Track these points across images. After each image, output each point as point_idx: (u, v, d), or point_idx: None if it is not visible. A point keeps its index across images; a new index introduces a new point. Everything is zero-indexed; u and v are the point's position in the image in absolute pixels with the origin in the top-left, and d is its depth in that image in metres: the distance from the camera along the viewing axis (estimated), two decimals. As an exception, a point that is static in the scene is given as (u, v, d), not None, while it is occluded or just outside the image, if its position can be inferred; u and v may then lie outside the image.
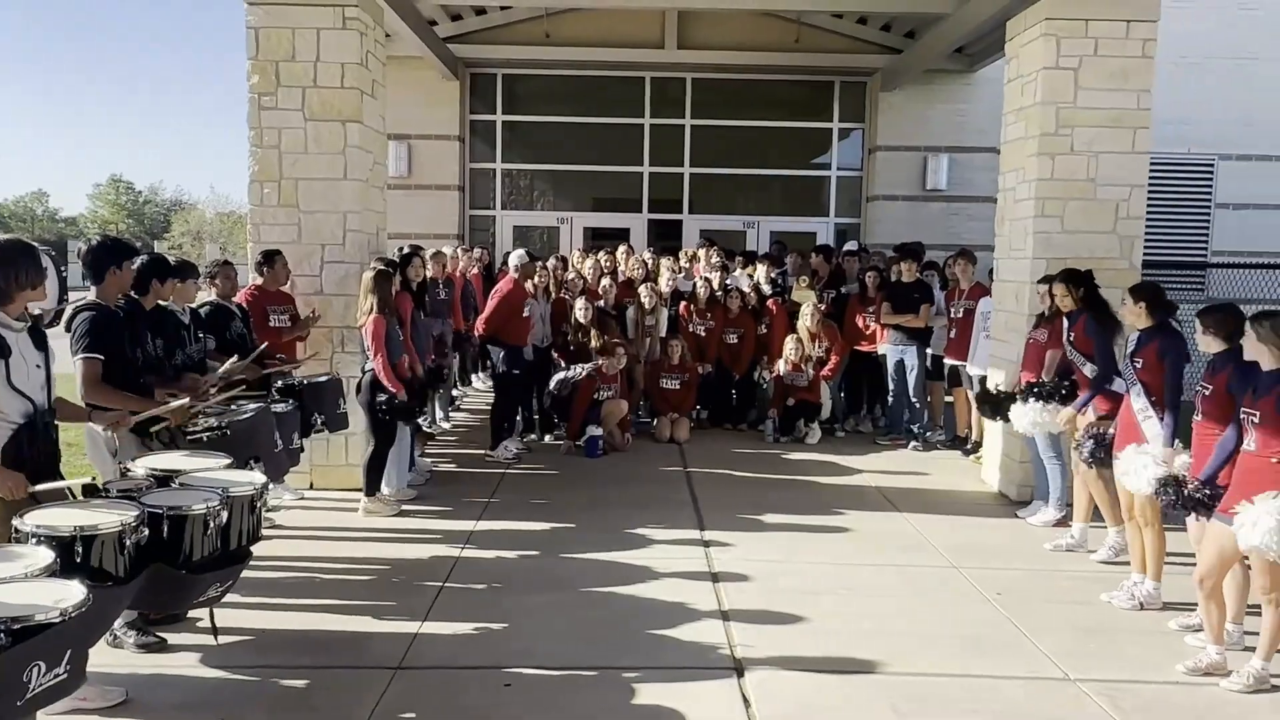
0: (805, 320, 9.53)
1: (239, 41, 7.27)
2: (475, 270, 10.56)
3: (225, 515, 3.98)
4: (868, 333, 9.70)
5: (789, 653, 4.56)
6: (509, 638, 4.70)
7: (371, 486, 6.76)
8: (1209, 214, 12.78)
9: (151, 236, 59.48)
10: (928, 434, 9.38)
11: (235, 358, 5.59)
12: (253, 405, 5.39)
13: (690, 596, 5.25)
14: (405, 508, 6.90)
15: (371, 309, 6.55)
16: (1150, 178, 7.38)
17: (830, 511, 7.03)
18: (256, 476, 4.41)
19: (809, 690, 4.23)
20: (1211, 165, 12.72)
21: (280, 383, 6.44)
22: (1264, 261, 9.35)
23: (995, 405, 7.14)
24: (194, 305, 5.87)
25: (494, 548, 6.07)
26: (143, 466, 4.31)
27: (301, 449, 6.30)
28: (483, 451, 8.61)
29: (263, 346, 6.07)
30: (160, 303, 5.19)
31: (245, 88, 7.27)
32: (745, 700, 4.12)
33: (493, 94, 13.41)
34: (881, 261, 10.31)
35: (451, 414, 10.24)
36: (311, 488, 7.35)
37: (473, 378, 11.98)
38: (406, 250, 7.76)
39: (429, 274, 9.10)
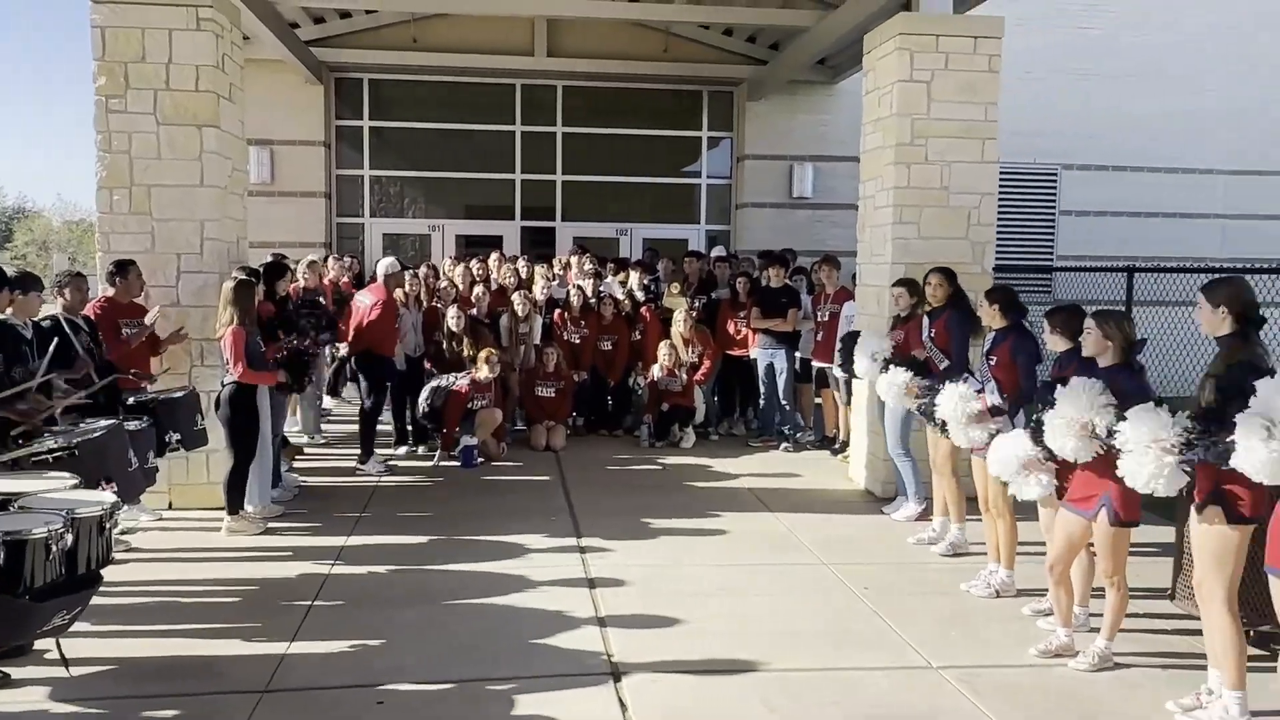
0: (678, 326, 9.66)
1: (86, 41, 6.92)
2: (346, 279, 10.32)
3: (70, 538, 3.77)
4: (739, 337, 9.89)
5: (665, 656, 4.61)
6: (380, 654, 4.60)
7: (234, 504, 6.51)
8: (1054, 220, 13.52)
9: (-9, 246, 55.89)
10: (798, 435, 9.63)
11: (75, 390, 5.27)
12: (104, 422, 5.12)
13: (567, 604, 5.25)
14: (272, 525, 6.68)
15: (232, 320, 6.32)
16: (1000, 186, 7.76)
17: (705, 514, 7.13)
18: (106, 496, 4.19)
19: (685, 692, 4.28)
20: (1055, 174, 13.48)
21: (131, 399, 6.13)
22: (1103, 265, 9.94)
23: (848, 350, 7.36)
24: (36, 319, 5.54)
25: (366, 563, 5.93)
26: (-25, 491, 4.04)
27: (156, 468, 6.01)
28: (353, 464, 8.40)
29: (110, 379, 5.69)
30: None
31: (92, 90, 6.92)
32: (622, 704, 4.13)
33: (359, 99, 13.14)
34: (752, 267, 10.53)
35: (322, 426, 9.97)
36: (170, 508, 7.03)
37: (343, 390, 11.67)
38: (272, 259, 7.52)
39: (303, 283, 8.89)
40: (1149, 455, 3.90)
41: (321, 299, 9.02)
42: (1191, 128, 13.52)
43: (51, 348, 5.01)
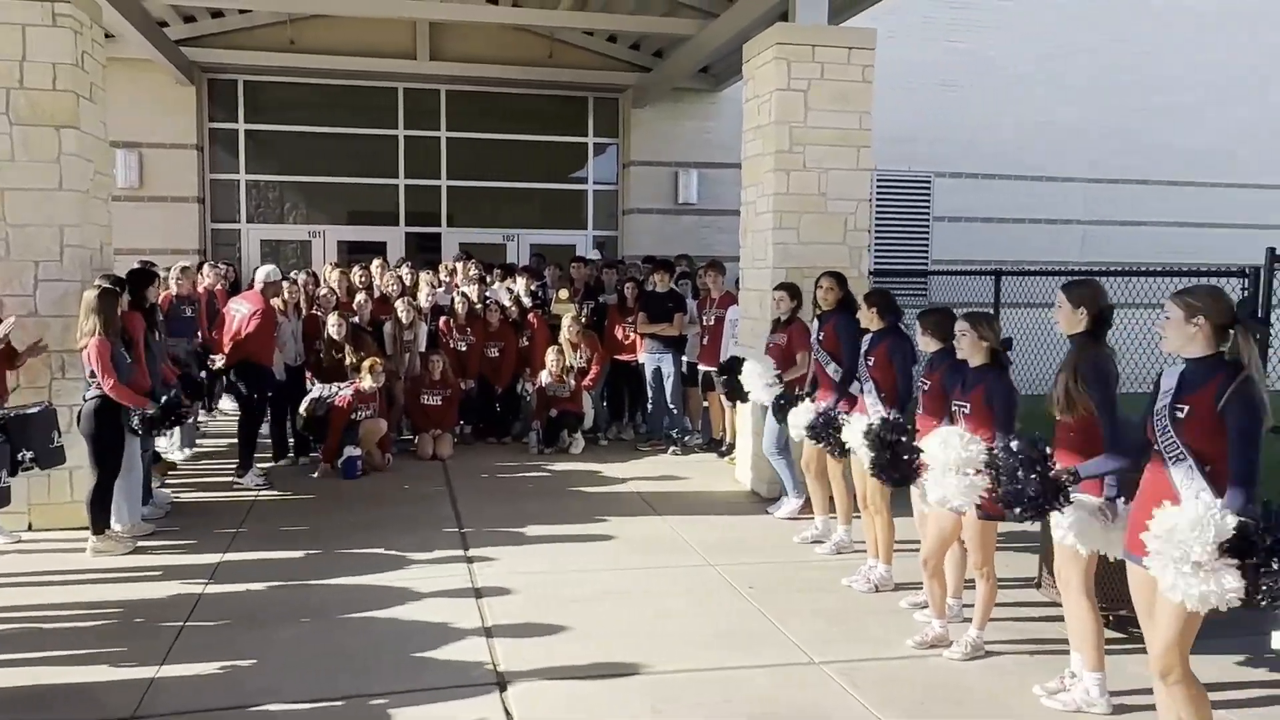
0: (565, 331, 9.65)
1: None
2: (220, 286, 9.96)
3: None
4: (627, 342, 9.94)
5: (552, 663, 4.59)
6: (256, 674, 4.45)
7: (98, 523, 6.20)
8: (928, 226, 14.01)
9: None
10: (686, 438, 9.73)
11: None
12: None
13: (452, 615, 5.18)
14: (142, 544, 6.39)
15: (95, 330, 6.03)
16: (877, 193, 8.01)
17: (594, 519, 7.13)
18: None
19: (572, 698, 4.27)
20: (929, 182, 13.96)
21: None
22: (974, 269, 10.34)
23: (731, 377, 7.46)
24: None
25: (242, 580, 5.73)
26: None
27: (9, 487, 5.66)
28: (229, 479, 8.12)
29: None
30: None
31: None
32: (507, 714, 4.10)
33: (234, 101, 12.70)
34: (639, 273, 10.60)
35: (196, 440, 9.60)
36: (30, 529, 6.66)
37: (219, 401, 11.27)
38: (139, 266, 7.21)
39: (174, 291, 8.54)
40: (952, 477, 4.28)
41: (191, 308, 8.70)
42: (1054, 138, 14.19)
43: None
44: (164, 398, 6.32)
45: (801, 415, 6.37)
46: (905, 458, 5.00)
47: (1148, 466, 3.52)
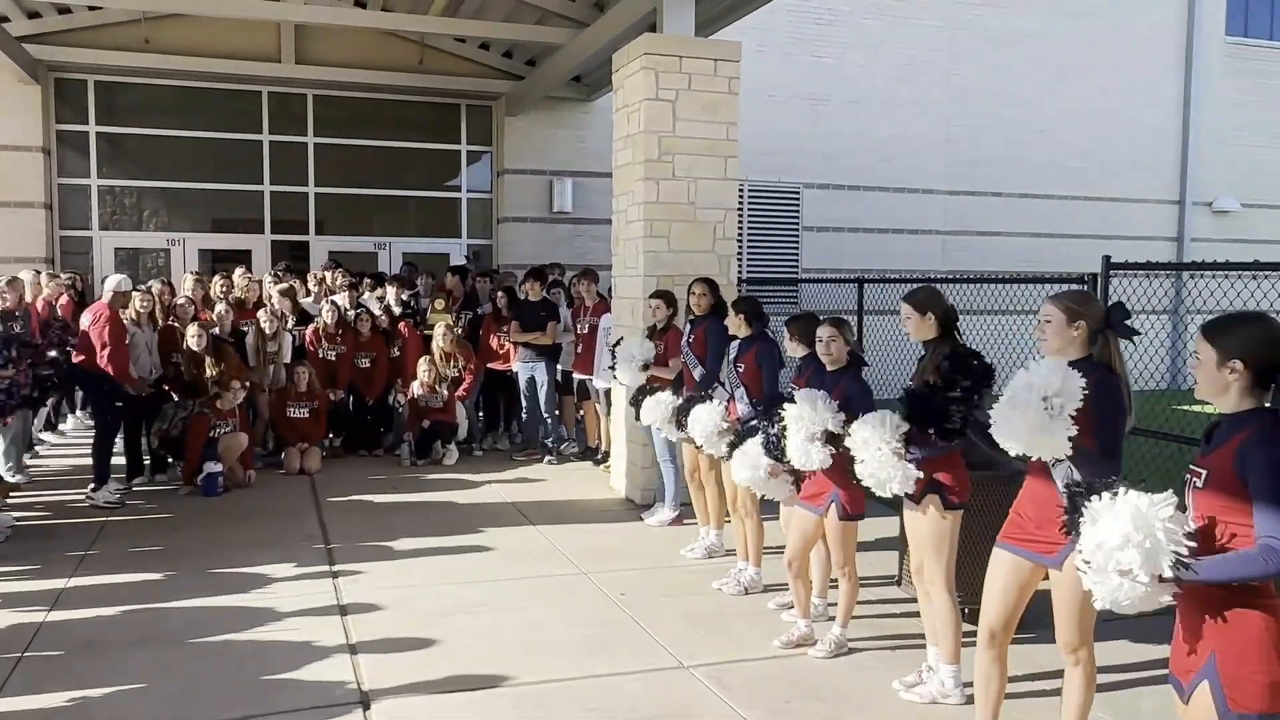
0: (439, 340, 9.51)
1: None
2: (65, 298, 9.43)
3: None
4: (502, 351, 9.86)
5: (419, 678, 4.50)
6: (105, 704, 4.22)
7: (-69, 550, 5.81)
8: (798, 236, 14.37)
9: None
10: (561, 447, 9.71)
11: None
12: None
13: (316, 634, 5.02)
14: (-23, 571, 6.00)
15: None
16: (750, 203, 8.17)
17: (467, 531, 7.04)
18: None
19: (437, 714, 4.20)
20: (798, 193, 14.32)
21: None
22: (841, 277, 10.68)
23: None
24: None
25: (90, 605, 5.43)
26: None
27: None
28: (78, 500, 7.71)
29: None
30: None
31: None
32: (371, 733, 4.01)
33: (84, 102, 12.09)
34: (513, 281, 10.54)
35: (39, 459, 9.07)
36: None
37: (67, 419, 10.70)
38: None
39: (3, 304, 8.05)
40: (886, 459, 4.23)
41: (17, 322, 8.20)
42: (914, 151, 14.78)
43: None
44: None
45: (653, 408, 6.51)
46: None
47: (1030, 468, 3.57)
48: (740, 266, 11.40)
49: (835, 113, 14.28)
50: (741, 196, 8.71)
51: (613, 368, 7.29)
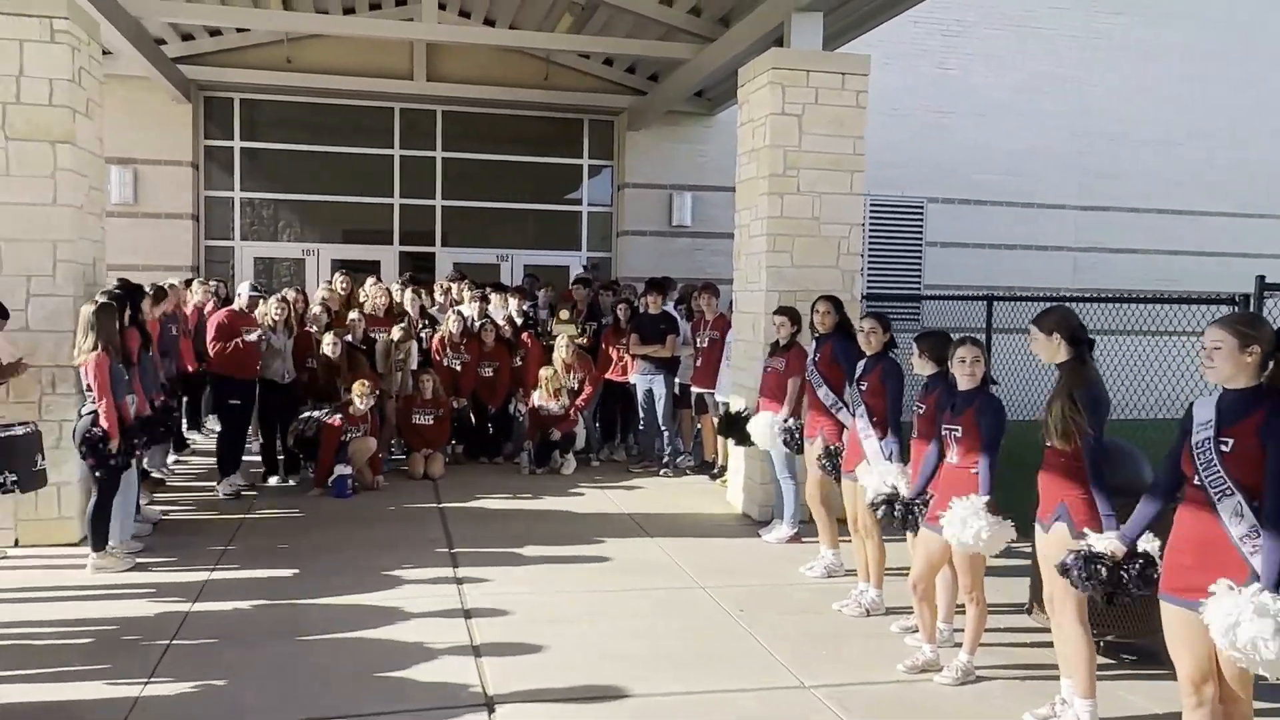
0: (560, 351, 9.65)
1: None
2: (210, 304, 9.94)
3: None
4: (620, 363, 9.95)
5: (540, 685, 4.56)
6: (242, 693, 4.41)
7: (98, 540, 6.15)
8: (921, 251, 14.08)
9: None
10: (678, 460, 9.72)
11: None
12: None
13: (441, 636, 5.15)
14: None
15: (95, 346, 6.01)
16: (871, 217, 8.06)
17: (584, 541, 7.11)
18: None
19: (559, 720, 4.25)
20: (922, 207, 14.04)
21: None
22: (966, 294, 10.40)
23: (734, 428, 7.52)
24: None
25: (230, 598, 5.69)
26: None
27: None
28: (218, 498, 8.11)
29: None
30: None
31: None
32: (495, 736, 4.08)
33: (230, 119, 12.73)
34: (634, 294, 10.63)
35: (184, 458, 9.56)
36: (16, 545, 6.62)
37: (206, 420, 11.25)
38: (133, 283, 7.21)
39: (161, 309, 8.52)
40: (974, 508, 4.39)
41: (176, 327, 8.68)
42: (1044, 164, 14.32)
43: None
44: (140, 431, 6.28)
45: (761, 424, 6.49)
46: (912, 513, 5.01)
47: (1184, 504, 3.41)
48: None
49: (960, 125, 13.96)
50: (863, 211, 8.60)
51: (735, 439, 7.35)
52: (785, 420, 6.74)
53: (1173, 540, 3.46)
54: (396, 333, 9.42)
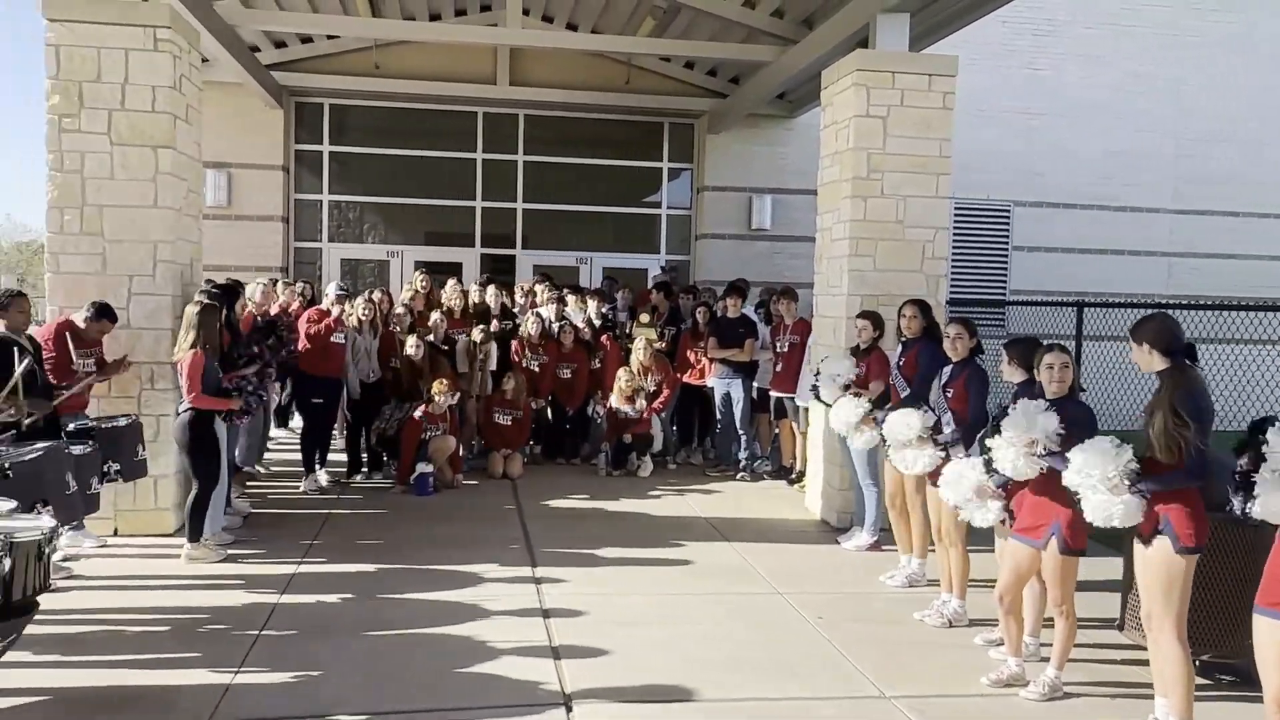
0: (638, 354, 9.68)
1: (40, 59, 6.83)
2: (297, 304, 10.19)
3: (8, 563, 3.67)
4: (698, 366, 9.93)
5: (617, 685, 4.57)
6: (328, 685, 4.51)
7: (195, 531, 6.36)
8: (1007, 255, 13.77)
9: (-65, 266, 54.50)
10: (755, 464, 9.66)
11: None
12: (41, 444, 5.00)
13: (520, 634, 5.20)
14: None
15: (195, 344, 6.22)
16: (955, 221, 7.90)
17: (660, 543, 7.11)
18: (44, 521, 4.09)
19: (635, 722, 4.25)
20: (1008, 211, 13.73)
21: (72, 425, 6.00)
22: (1054, 300, 10.14)
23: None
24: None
25: (315, 591, 5.83)
26: (-89, 513, 3.93)
27: (98, 494, 5.85)
28: (303, 494, 8.32)
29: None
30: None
31: (44, 108, 6.83)
32: (573, 735, 4.10)
33: (319, 124, 13.06)
34: (713, 298, 10.60)
35: (272, 453, 9.83)
36: (116, 534, 6.88)
37: (293, 419, 11.54)
38: (227, 282, 7.46)
39: (253, 309, 8.77)
40: (1101, 491, 4.01)
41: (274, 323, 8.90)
42: (1137, 167, 13.88)
43: None
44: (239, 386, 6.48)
45: (845, 408, 6.47)
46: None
47: None
48: (944, 286, 11.01)
49: (1049, 127, 13.62)
50: (948, 214, 8.43)
51: (815, 389, 7.17)
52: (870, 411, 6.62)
53: (1275, 553, 3.34)
54: (477, 334, 9.55)
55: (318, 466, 8.63)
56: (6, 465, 4.61)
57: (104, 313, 6.51)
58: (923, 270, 7.70)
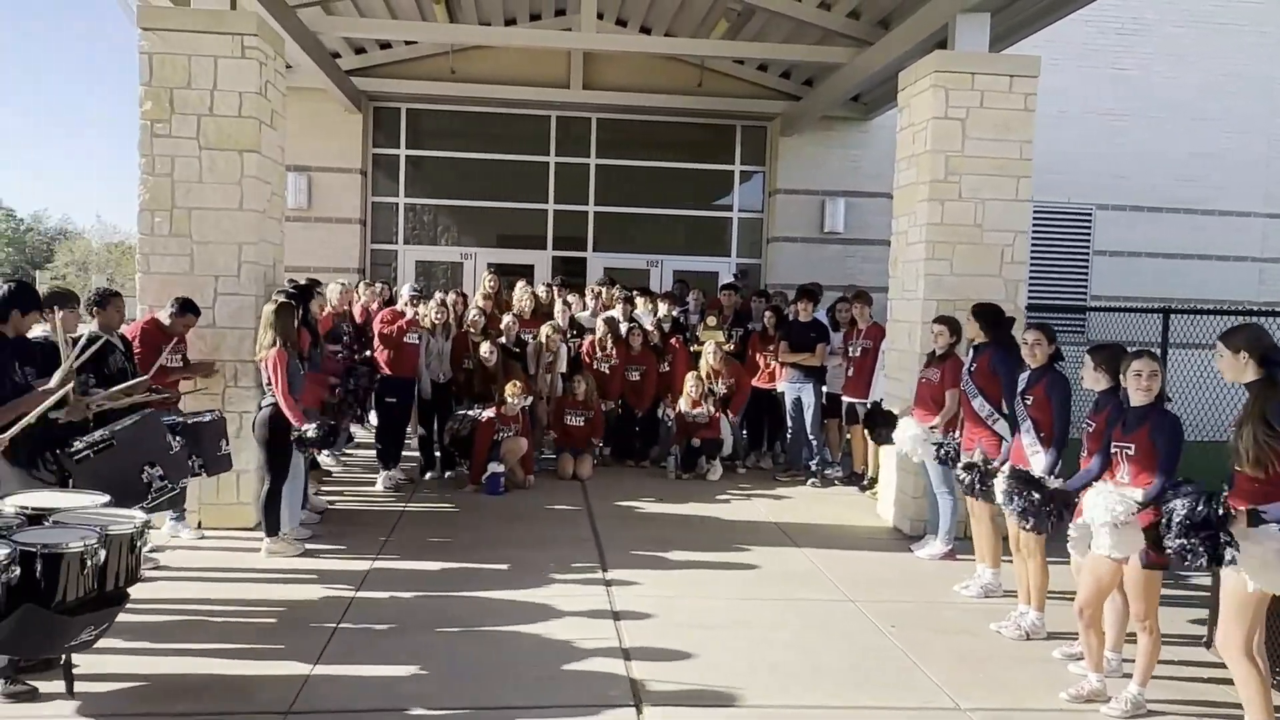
0: (708, 357, 9.65)
1: (131, 67, 7.08)
2: (375, 305, 10.39)
3: (103, 554, 3.81)
4: (767, 370, 9.87)
5: (686, 688, 4.57)
6: (404, 679, 4.59)
7: (272, 526, 6.53)
8: (1088, 260, 13.44)
9: (33, 266, 56.81)
10: (825, 470, 9.57)
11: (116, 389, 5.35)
12: (135, 413, 5.15)
13: (591, 634, 5.22)
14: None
15: (274, 343, 6.39)
16: (1034, 225, 7.71)
17: (730, 547, 7.08)
18: (137, 514, 4.23)
19: (707, 726, 4.24)
20: (1090, 214, 13.39)
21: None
22: (1138, 306, 9.86)
23: (878, 425, 7.31)
24: (73, 335, 5.63)
25: (390, 588, 5.94)
26: (12, 504, 4.10)
27: (184, 489, 6.04)
28: (378, 491, 8.47)
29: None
30: (42, 332, 4.99)
31: (137, 114, 7.07)
32: (643, 737, 4.10)
33: (396, 128, 13.31)
34: (784, 301, 10.53)
35: (349, 451, 10.03)
36: (199, 527, 7.09)
37: (369, 416, 11.74)
38: (305, 283, 7.63)
39: (330, 309, 8.98)
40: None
41: (349, 326, 9.09)
42: (1227, 170, 13.44)
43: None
44: (317, 425, 6.49)
45: (907, 429, 6.45)
46: (1047, 510, 4.80)
47: None
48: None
49: (1134, 129, 13.26)
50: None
51: (872, 434, 7.16)
52: (935, 430, 6.54)
53: None
54: (545, 330, 9.62)
55: (392, 465, 8.78)
56: (109, 435, 4.76)
57: (187, 307, 6.71)
58: (1001, 275, 7.55)
